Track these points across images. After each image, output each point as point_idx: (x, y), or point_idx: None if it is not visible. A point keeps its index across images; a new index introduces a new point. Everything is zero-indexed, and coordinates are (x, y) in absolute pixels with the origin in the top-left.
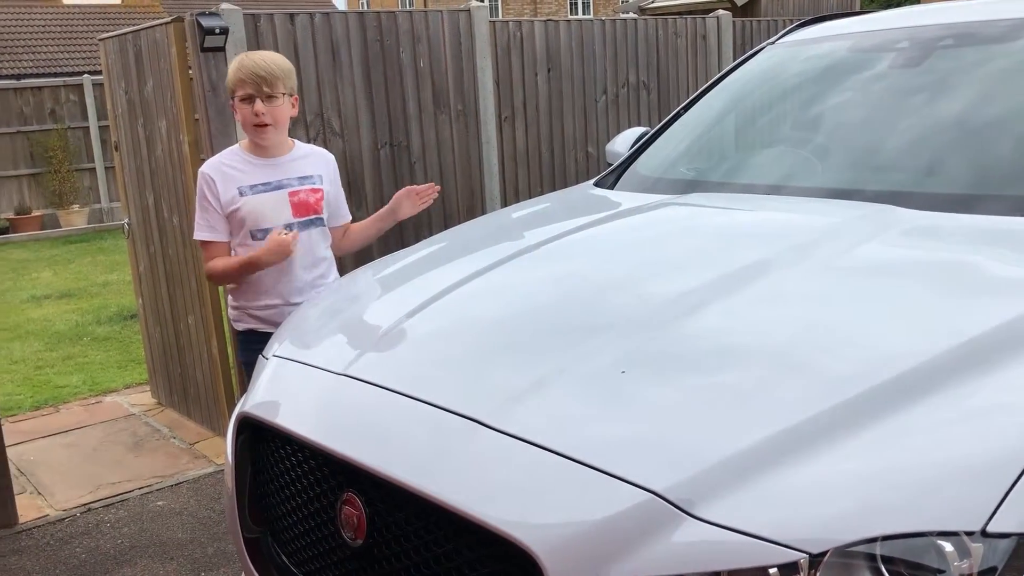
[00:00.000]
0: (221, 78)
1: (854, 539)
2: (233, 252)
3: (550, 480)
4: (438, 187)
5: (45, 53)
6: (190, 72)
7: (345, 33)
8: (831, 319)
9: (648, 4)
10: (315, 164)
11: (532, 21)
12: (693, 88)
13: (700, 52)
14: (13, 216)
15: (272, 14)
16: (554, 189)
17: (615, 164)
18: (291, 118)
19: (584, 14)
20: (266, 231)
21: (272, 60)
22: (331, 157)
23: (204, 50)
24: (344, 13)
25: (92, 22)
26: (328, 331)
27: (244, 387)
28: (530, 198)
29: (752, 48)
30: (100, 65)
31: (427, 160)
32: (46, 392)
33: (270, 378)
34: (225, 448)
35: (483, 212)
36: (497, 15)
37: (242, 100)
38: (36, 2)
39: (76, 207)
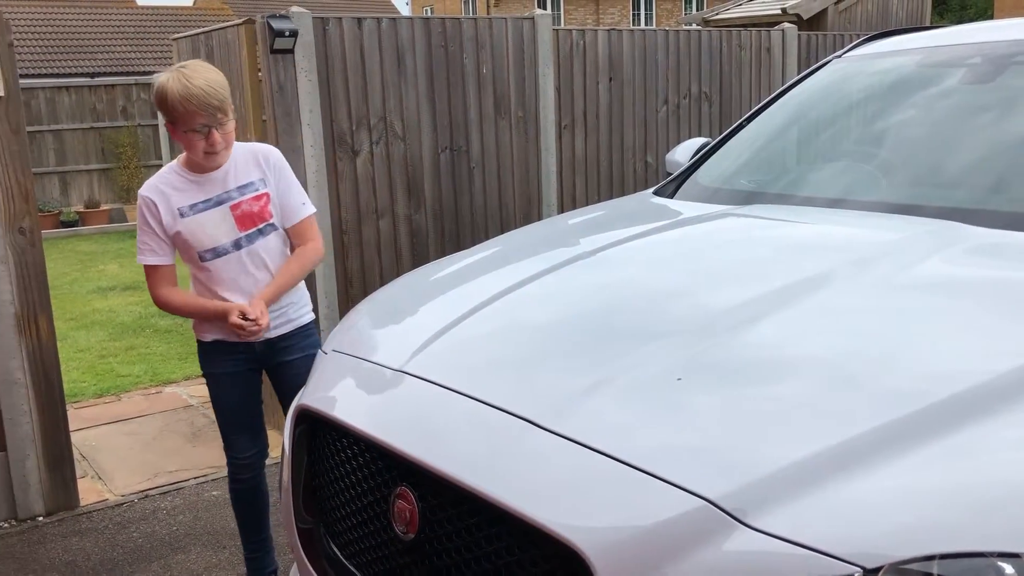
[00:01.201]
0: (289, 80)
1: (911, 556)
2: (191, 275)
3: (602, 483)
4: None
5: (118, 53)
6: (259, 73)
7: (411, 38)
8: (890, 334)
9: (712, 16)
10: (255, 165)
11: (595, 30)
12: (756, 101)
13: (764, 65)
14: (83, 209)
15: (340, 18)
16: (611, 198)
17: (675, 173)
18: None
19: (647, 25)
20: (213, 250)
21: (216, 81)
22: (272, 150)
23: (274, 52)
24: (410, 18)
25: (164, 23)
26: (385, 328)
27: (210, 399)
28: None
29: (817, 62)
30: (172, 65)
31: (486, 165)
32: (109, 380)
33: (328, 372)
34: (280, 441)
35: (539, 219)
36: (559, 24)
37: (192, 131)
38: (111, 3)
39: None
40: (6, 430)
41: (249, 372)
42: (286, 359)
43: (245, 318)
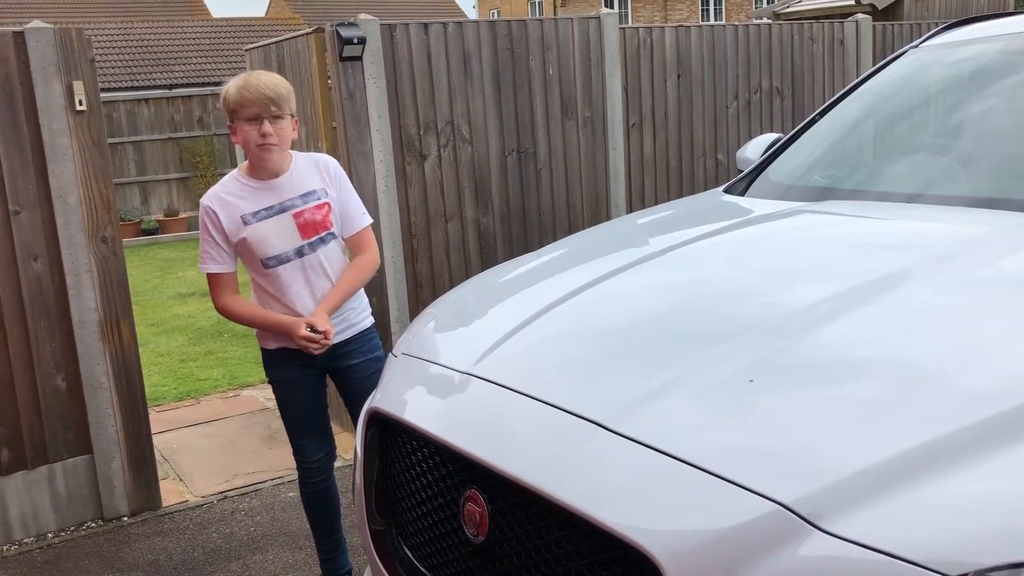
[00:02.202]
0: (358, 87)
1: (997, 564)
2: (251, 281)
3: (672, 486)
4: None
5: (194, 64)
6: (329, 81)
7: (476, 42)
8: (971, 333)
9: (783, 9)
10: (316, 175)
11: (662, 27)
12: (829, 94)
13: (837, 57)
14: (163, 217)
15: (407, 24)
16: (681, 197)
17: (746, 170)
18: (292, 140)
19: (715, 21)
20: (277, 258)
21: (276, 81)
22: (332, 161)
23: (343, 59)
24: (476, 22)
25: (238, 34)
26: (454, 331)
27: (277, 405)
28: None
29: (893, 53)
30: None
31: (553, 167)
32: (188, 384)
33: (398, 375)
34: (353, 443)
35: (608, 219)
36: (627, 22)
37: (247, 121)
38: (188, 16)
39: None
40: (92, 433)
41: (313, 377)
42: (349, 363)
43: (314, 330)
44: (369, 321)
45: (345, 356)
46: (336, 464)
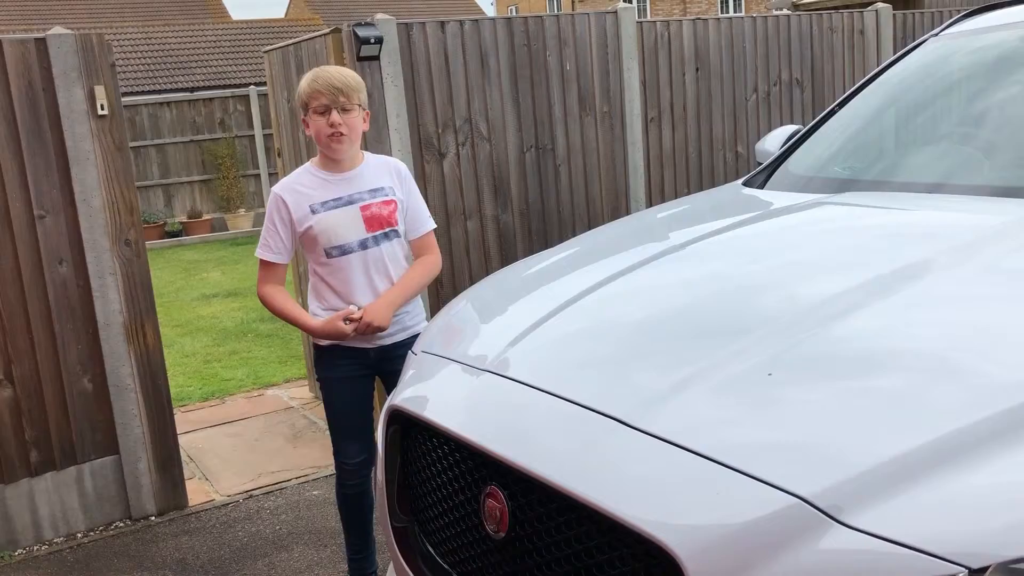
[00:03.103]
0: (376, 86)
1: (1020, 556)
2: (310, 267)
3: (692, 481)
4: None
5: (216, 67)
6: None
7: (493, 39)
8: (995, 323)
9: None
10: (387, 174)
11: (680, 21)
12: (849, 85)
13: (857, 47)
14: (186, 219)
15: (424, 23)
16: (701, 190)
17: (765, 163)
18: (363, 132)
19: (735, 13)
20: (341, 247)
21: (347, 73)
22: (403, 166)
23: (360, 59)
24: (492, 19)
25: (258, 36)
26: (473, 328)
27: (323, 403)
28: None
29: (913, 42)
30: (265, 76)
31: (572, 162)
32: (213, 384)
33: (418, 373)
34: (376, 440)
35: (627, 214)
36: (645, 16)
37: (317, 112)
38: (207, 19)
39: (242, 211)
40: (118, 434)
41: (363, 377)
42: (400, 367)
43: (349, 320)
44: (423, 326)
45: (397, 359)
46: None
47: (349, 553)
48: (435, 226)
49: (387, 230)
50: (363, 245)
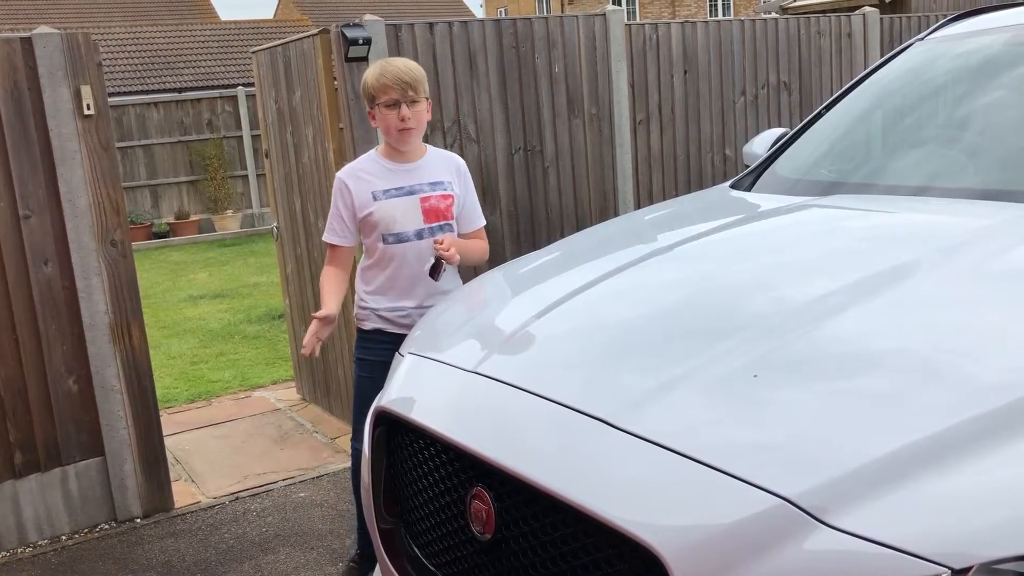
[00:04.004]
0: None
1: (1002, 556)
2: (364, 250)
3: (677, 482)
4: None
5: (204, 67)
6: (335, 82)
7: (482, 40)
8: (978, 325)
9: (790, 3)
10: (447, 169)
11: (668, 23)
12: (837, 88)
13: (845, 51)
14: (173, 220)
15: (412, 24)
16: (689, 192)
17: (753, 165)
18: (427, 122)
19: (724, 16)
20: (397, 235)
21: (412, 65)
22: (462, 162)
23: (348, 60)
24: (481, 21)
25: (246, 37)
26: (461, 329)
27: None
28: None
29: (900, 45)
30: (253, 77)
31: (560, 164)
32: (200, 386)
33: (405, 374)
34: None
35: (616, 216)
36: (635, 19)
37: (387, 106)
38: (196, 20)
39: (230, 212)
40: (104, 435)
41: None
42: None
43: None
44: None
45: None
46: (348, 464)
47: (359, 538)
48: (485, 223)
49: (443, 223)
50: (419, 235)
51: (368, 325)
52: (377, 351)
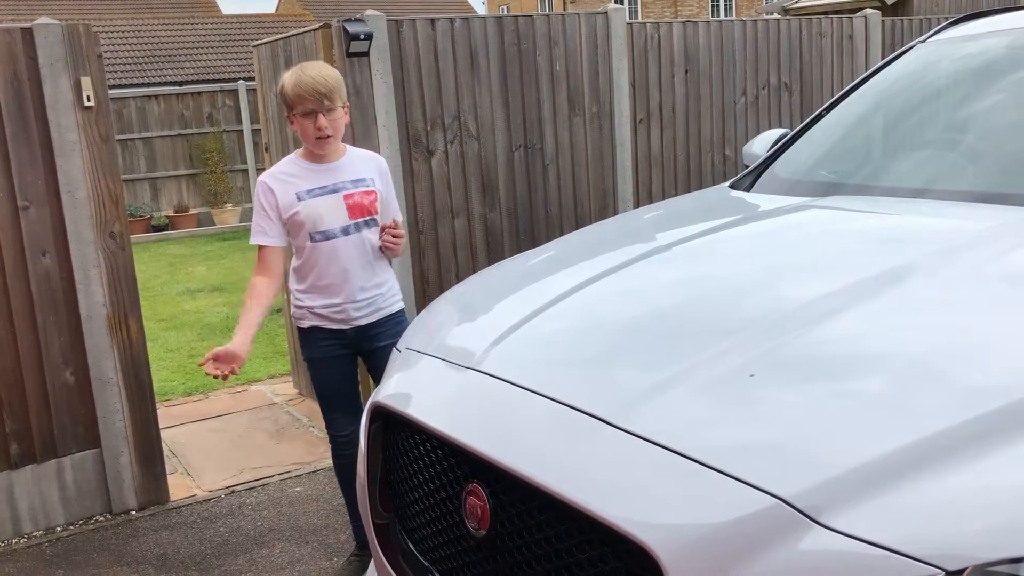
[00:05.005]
0: (365, 82)
1: (996, 558)
2: (295, 250)
3: (672, 481)
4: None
5: (204, 61)
6: None
7: (483, 37)
8: (975, 327)
9: (792, 4)
10: (367, 167)
11: (670, 23)
12: (838, 90)
13: (846, 52)
14: (172, 214)
15: (414, 19)
16: (688, 192)
17: (753, 166)
18: (345, 124)
19: (726, 16)
20: (324, 232)
21: (327, 74)
22: (382, 160)
23: (350, 55)
24: (483, 18)
25: (248, 31)
26: (459, 326)
27: (309, 384)
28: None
29: (901, 47)
30: (254, 71)
31: (560, 162)
32: (197, 379)
33: (402, 369)
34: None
35: (615, 214)
36: (637, 18)
37: (303, 115)
38: (198, 13)
39: (229, 206)
40: (100, 427)
41: (345, 356)
42: (378, 345)
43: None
44: (399, 306)
45: (374, 338)
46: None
47: (352, 522)
48: (402, 218)
49: (367, 218)
50: (346, 231)
51: (306, 323)
52: (319, 348)
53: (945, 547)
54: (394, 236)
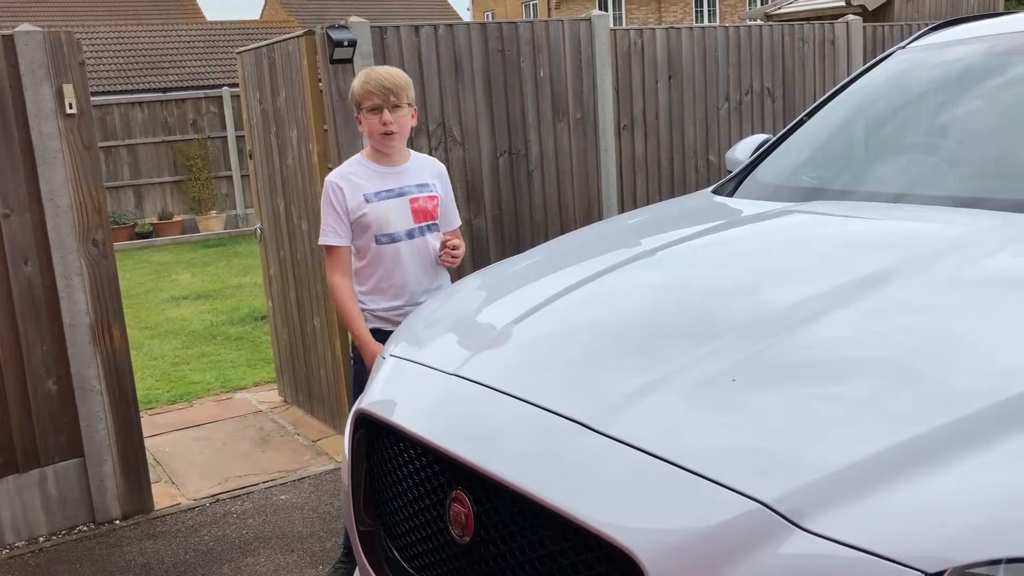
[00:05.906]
0: (349, 89)
1: (975, 560)
2: (355, 252)
3: (655, 486)
4: None
5: (189, 67)
6: (320, 83)
7: (467, 44)
8: (955, 331)
9: (775, 10)
10: (431, 172)
11: (653, 29)
12: (820, 95)
13: (828, 58)
14: (157, 221)
15: (398, 26)
16: (672, 197)
17: (735, 171)
18: (411, 128)
19: (709, 22)
20: (390, 235)
21: (396, 73)
22: (441, 165)
23: (333, 62)
24: (467, 24)
25: (232, 37)
26: (442, 332)
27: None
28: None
29: (883, 53)
30: (238, 78)
31: (545, 168)
32: (181, 387)
33: (386, 377)
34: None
35: (599, 219)
36: (621, 24)
37: (370, 111)
38: (181, 20)
39: (214, 213)
40: (83, 436)
41: None
42: None
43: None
44: None
45: None
46: (329, 467)
47: (346, 539)
48: (460, 223)
49: (430, 223)
50: (410, 235)
51: (368, 326)
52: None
53: (925, 549)
54: (453, 253)
